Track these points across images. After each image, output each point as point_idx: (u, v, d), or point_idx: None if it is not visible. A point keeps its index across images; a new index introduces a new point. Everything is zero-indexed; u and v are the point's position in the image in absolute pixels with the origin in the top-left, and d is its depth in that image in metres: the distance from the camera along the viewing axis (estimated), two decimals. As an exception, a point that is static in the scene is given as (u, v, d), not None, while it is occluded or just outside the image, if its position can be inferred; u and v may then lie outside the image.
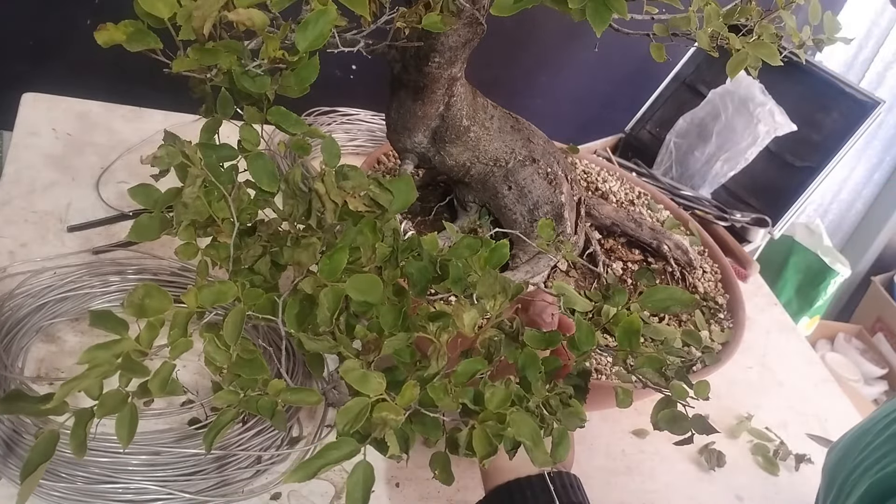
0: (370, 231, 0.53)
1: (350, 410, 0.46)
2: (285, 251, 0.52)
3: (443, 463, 0.52)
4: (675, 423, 0.57)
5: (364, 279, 0.50)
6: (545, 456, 0.50)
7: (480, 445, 0.49)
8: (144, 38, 0.50)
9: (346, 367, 0.47)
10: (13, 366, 0.74)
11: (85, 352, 0.44)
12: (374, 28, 0.63)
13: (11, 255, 0.87)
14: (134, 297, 0.45)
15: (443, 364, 0.50)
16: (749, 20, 0.74)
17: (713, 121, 1.44)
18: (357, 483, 0.47)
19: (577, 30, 0.92)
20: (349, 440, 0.47)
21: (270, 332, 0.82)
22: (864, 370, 2.40)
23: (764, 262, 1.41)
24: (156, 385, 0.46)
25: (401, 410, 0.46)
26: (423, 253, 0.56)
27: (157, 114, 1.19)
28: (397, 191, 0.54)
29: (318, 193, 0.51)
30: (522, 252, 0.87)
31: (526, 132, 0.88)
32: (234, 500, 0.70)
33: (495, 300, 0.54)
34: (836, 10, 1.86)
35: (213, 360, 0.48)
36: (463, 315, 0.52)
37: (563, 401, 0.53)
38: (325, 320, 0.49)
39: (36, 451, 0.45)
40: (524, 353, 0.54)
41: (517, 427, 0.49)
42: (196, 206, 0.50)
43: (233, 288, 0.49)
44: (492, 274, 0.55)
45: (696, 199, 1.38)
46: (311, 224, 0.51)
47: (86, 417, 0.46)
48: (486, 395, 0.50)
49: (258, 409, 0.49)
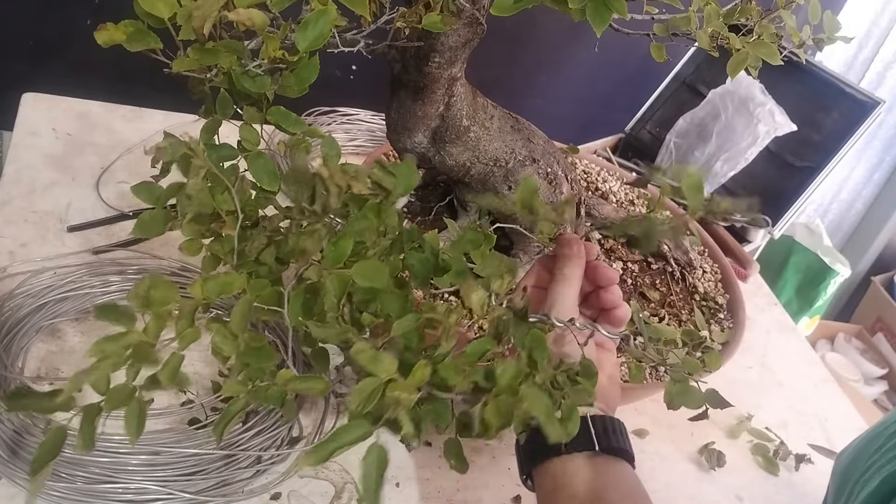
0: (374, 215, 0.53)
1: (363, 390, 0.45)
2: (290, 238, 0.52)
3: (456, 450, 0.52)
4: (687, 397, 0.57)
5: (369, 265, 0.50)
6: (559, 431, 0.49)
7: (494, 419, 0.48)
8: (144, 38, 0.50)
9: (357, 349, 0.46)
10: (13, 366, 0.74)
11: (93, 345, 0.44)
12: (374, 28, 0.63)
13: (11, 255, 0.87)
14: (139, 288, 0.45)
15: (452, 344, 0.50)
16: (749, 20, 0.74)
17: (713, 121, 1.44)
18: (371, 464, 0.46)
19: (577, 30, 0.92)
20: (362, 422, 0.46)
21: (271, 330, 0.82)
22: (864, 370, 2.40)
23: (764, 262, 1.41)
24: (166, 376, 0.46)
25: (413, 389, 0.46)
26: (425, 245, 0.56)
27: (157, 114, 1.19)
28: (400, 174, 0.54)
29: (322, 178, 0.50)
30: (523, 252, 0.87)
31: (526, 132, 0.88)
32: (234, 500, 0.70)
33: (502, 279, 0.53)
34: (836, 10, 1.86)
35: (220, 350, 0.48)
36: (471, 295, 0.52)
37: (570, 377, 0.52)
38: (332, 306, 0.49)
39: (44, 447, 0.45)
40: (531, 334, 0.54)
41: (530, 402, 0.48)
42: (200, 197, 0.50)
43: (238, 279, 0.49)
44: (497, 256, 0.55)
45: (696, 199, 1.38)
46: (316, 209, 0.51)
47: (94, 413, 0.46)
48: (498, 371, 0.49)
49: (267, 398, 0.49)
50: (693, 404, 0.58)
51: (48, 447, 0.45)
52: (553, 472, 0.57)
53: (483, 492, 0.79)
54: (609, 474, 0.57)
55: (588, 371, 0.53)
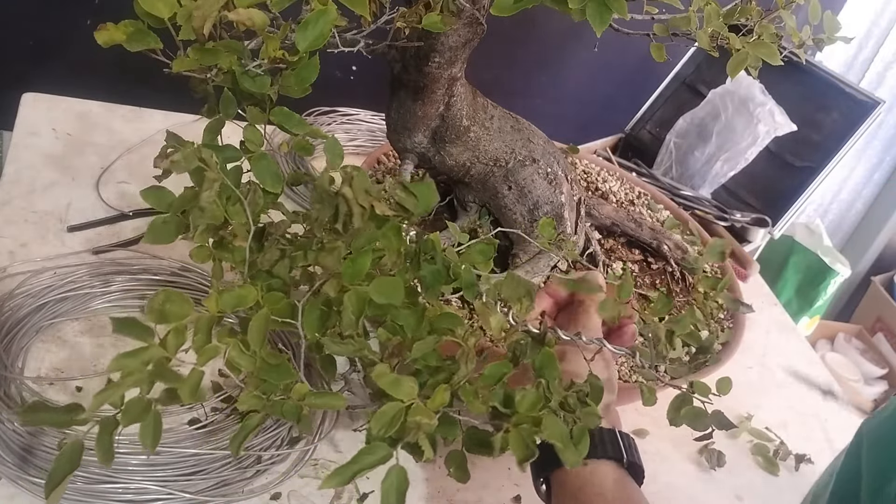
0: (394, 235, 0.53)
1: (385, 415, 0.46)
2: (308, 255, 0.52)
3: (459, 461, 0.53)
4: (696, 420, 0.58)
5: (386, 282, 0.50)
6: (575, 456, 0.50)
7: (518, 449, 0.49)
8: (144, 38, 0.50)
9: (378, 372, 0.47)
10: (13, 366, 0.74)
11: (114, 360, 0.44)
12: (374, 28, 0.63)
13: (11, 255, 0.87)
14: (154, 302, 0.45)
15: (471, 367, 0.50)
16: (749, 20, 0.74)
17: (713, 121, 1.44)
18: (391, 487, 0.47)
19: (577, 30, 0.92)
20: (382, 445, 0.47)
21: (278, 337, 0.82)
22: (864, 370, 2.40)
23: (764, 262, 1.41)
24: (186, 392, 0.46)
25: (433, 414, 0.46)
26: (437, 256, 0.56)
27: (157, 114, 1.19)
28: (421, 195, 0.55)
29: (346, 198, 0.51)
30: (523, 252, 0.87)
31: (526, 132, 0.88)
32: (234, 500, 0.70)
33: (521, 303, 0.54)
34: (836, 10, 1.86)
35: (237, 365, 0.48)
36: (490, 319, 0.53)
37: (580, 399, 0.53)
38: (350, 323, 0.49)
39: (61, 460, 0.45)
40: (542, 353, 0.55)
41: (549, 430, 0.49)
42: (212, 210, 0.50)
43: (253, 292, 0.49)
44: (514, 276, 0.56)
45: (696, 199, 1.38)
46: (338, 228, 0.51)
47: (111, 426, 0.46)
48: (517, 398, 0.50)
49: (283, 413, 0.49)
50: (699, 426, 0.59)
51: (65, 460, 0.45)
52: (581, 473, 0.59)
53: (483, 492, 0.79)
54: (632, 486, 0.60)
55: (596, 392, 0.54)
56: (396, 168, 0.99)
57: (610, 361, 0.66)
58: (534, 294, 0.56)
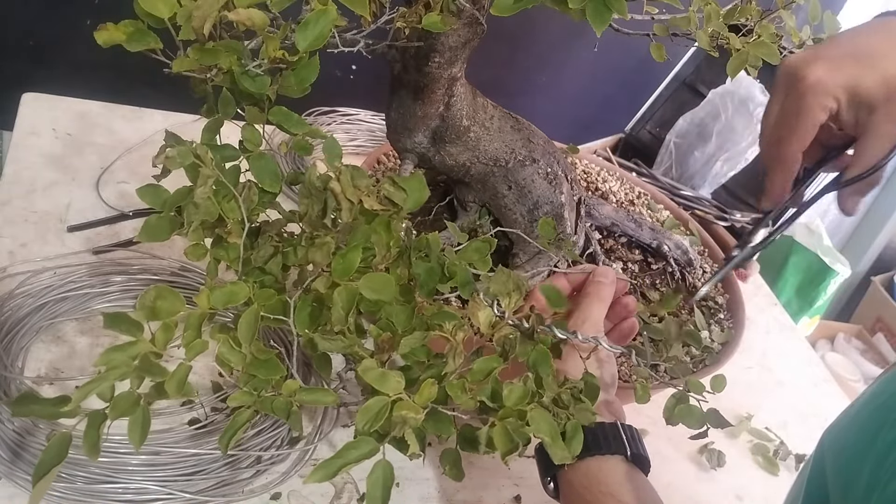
0: (384, 230, 0.53)
1: (370, 409, 0.46)
2: (298, 251, 0.52)
3: (453, 459, 0.53)
4: (691, 418, 0.59)
5: (377, 278, 0.50)
6: (564, 451, 0.50)
7: (501, 442, 0.49)
8: (144, 38, 0.50)
9: (364, 367, 0.47)
10: (13, 366, 0.74)
11: (102, 354, 0.44)
12: (374, 28, 0.63)
13: (11, 255, 0.87)
14: (146, 299, 0.45)
15: (459, 362, 0.50)
16: (749, 20, 0.74)
17: (713, 121, 1.44)
18: (377, 481, 0.47)
19: (577, 30, 0.92)
20: (368, 439, 0.47)
21: (271, 334, 0.82)
22: (864, 370, 2.40)
23: (764, 262, 1.41)
24: (172, 387, 0.46)
25: (419, 409, 0.46)
26: (432, 254, 0.56)
27: (157, 114, 1.19)
28: (410, 189, 0.55)
29: (334, 192, 0.51)
30: (522, 252, 0.87)
31: (526, 132, 0.88)
32: (234, 500, 0.70)
33: (510, 297, 0.54)
34: (836, 10, 1.86)
35: (227, 361, 0.48)
36: (478, 313, 0.52)
37: (574, 395, 0.53)
38: (339, 319, 0.49)
39: (48, 452, 0.45)
40: (536, 350, 0.55)
41: (536, 424, 0.49)
42: (207, 206, 0.50)
43: (244, 289, 0.49)
44: (504, 272, 0.55)
45: (696, 199, 1.38)
46: (326, 223, 0.51)
47: (99, 420, 0.46)
48: (504, 392, 0.50)
49: (273, 409, 0.49)
50: (694, 424, 0.59)
51: (52, 453, 0.45)
52: (587, 471, 0.59)
53: (483, 492, 0.79)
54: (639, 478, 0.61)
55: (591, 390, 0.54)
56: (396, 168, 0.99)
57: (604, 360, 0.66)
58: (524, 289, 0.56)
